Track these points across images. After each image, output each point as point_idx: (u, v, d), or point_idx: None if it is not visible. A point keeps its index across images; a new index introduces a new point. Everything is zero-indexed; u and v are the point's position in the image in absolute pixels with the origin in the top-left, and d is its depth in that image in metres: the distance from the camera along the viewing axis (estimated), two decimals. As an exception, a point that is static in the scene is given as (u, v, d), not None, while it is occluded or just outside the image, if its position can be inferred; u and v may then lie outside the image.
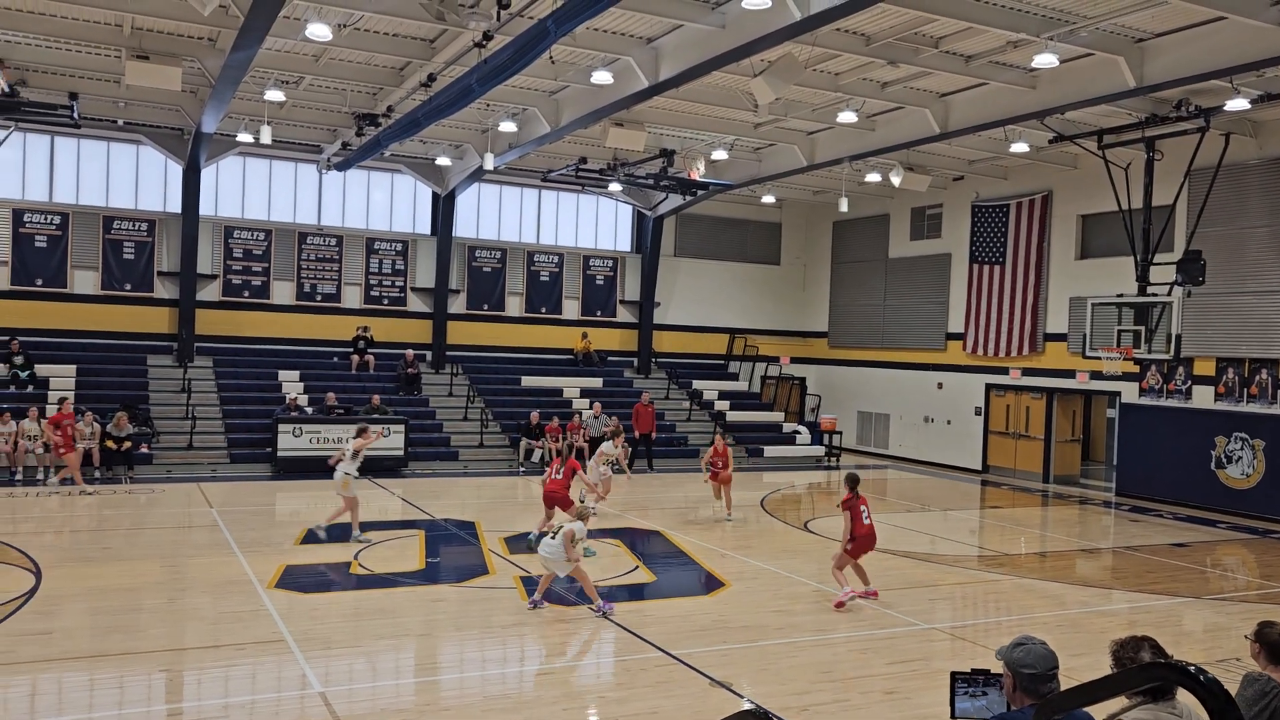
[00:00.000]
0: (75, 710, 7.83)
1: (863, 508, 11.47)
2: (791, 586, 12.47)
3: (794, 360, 31.22)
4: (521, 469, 23.30)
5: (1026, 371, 24.68)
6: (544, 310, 29.03)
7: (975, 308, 25.89)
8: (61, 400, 19.90)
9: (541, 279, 29.00)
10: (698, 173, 22.92)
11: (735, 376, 30.74)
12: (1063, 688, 3.72)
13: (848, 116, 18.23)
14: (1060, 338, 23.87)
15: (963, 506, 20.76)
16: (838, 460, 27.36)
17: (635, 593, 12.16)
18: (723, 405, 28.31)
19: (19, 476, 19.09)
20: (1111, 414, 24.04)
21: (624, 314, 30.09)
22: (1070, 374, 23.47)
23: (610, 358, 29.35)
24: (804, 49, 14.97)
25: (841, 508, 11.54)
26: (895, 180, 22.60)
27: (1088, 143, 19.51)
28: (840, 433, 28.26)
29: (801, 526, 17.17)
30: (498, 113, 20.55)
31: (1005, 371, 25.19)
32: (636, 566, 13.36)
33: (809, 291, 32.22)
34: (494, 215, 28.85)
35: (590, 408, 24.34)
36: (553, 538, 10.53)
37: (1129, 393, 22.14)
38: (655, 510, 18.18)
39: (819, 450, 27.41)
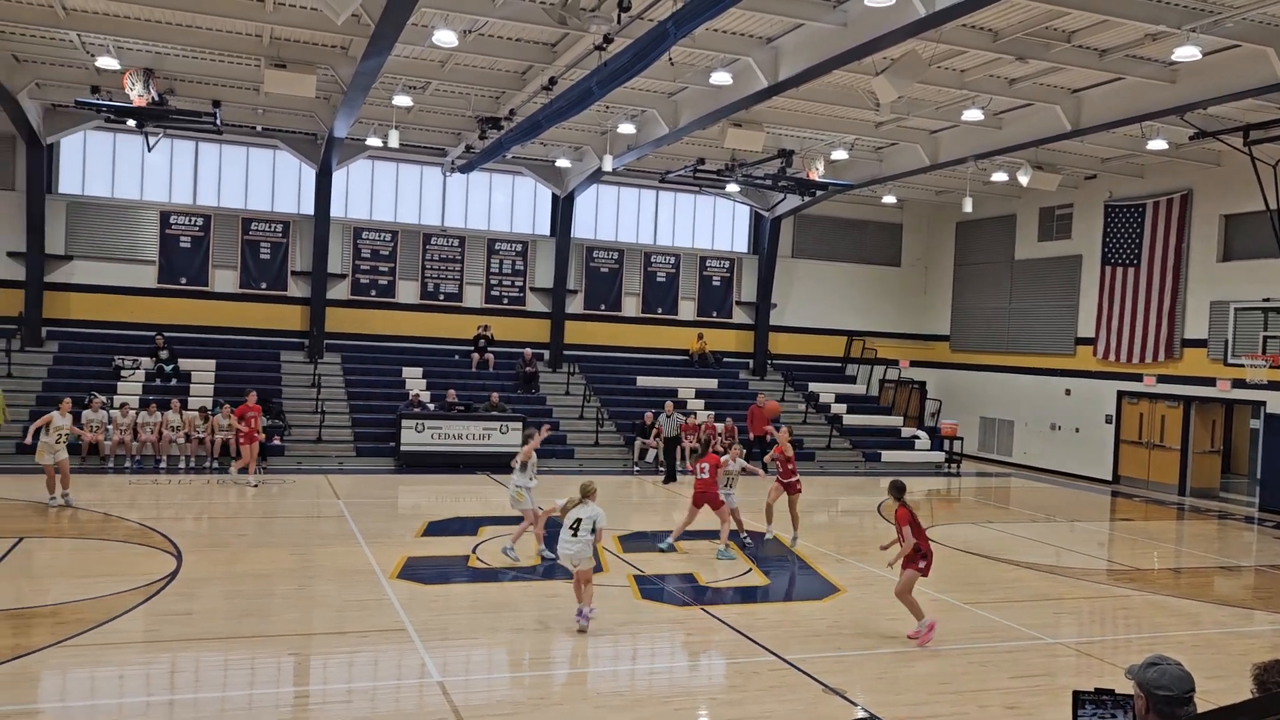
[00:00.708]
0: (210, 688, 8.25)
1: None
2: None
3: (914, 364, 30.55)
4: (635, 468, 23.44)
5: (1162, 378, 23.53)
6: (660, 311, 29.16)
7: (1107, 311, 24.82)
8: (246, 394, 20.31)
9: (658, 279, 29.13)
10: (817, 173, 22.67)
11: (853, 379, 30.25)
12: (1199, 711, 3.53)
13: (973, 114, 17.74)
14: (1199, 344, 22.66)
15: (1091, 518, 19.92)
16: (958, 467, 26.63)
17: (748, 595, 12.09)
18: (839, 409, 27.90)
19: (163, 465, 20.20)
20: (1255, 424, 22.69)
21: (740, 315, 29.96)
22: (1210, 381, 22.27)
23: (725, 359, 29.27)
24: (928, 46, 14.63)
25: (898, 522, 10.10)
26: (1023, 179, 21.86)
27: (1232, 139, 18.45)
28: (961, 438, 27.49)
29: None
30: (617, 115, 20.74)
31: (1139, 378, 24.07)
32: (750, 569, 13.28)
33: (930, 294, 31.46)
34: (612, 216, 29.12)
35: (664, 407, 24.05)
36: (574, 535, 9.85)
37: (1275, 402, 20.86)
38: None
39: (939, 456, 26.74)
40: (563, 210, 27.47)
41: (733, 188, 26.09)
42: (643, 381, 27.32)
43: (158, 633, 9.40)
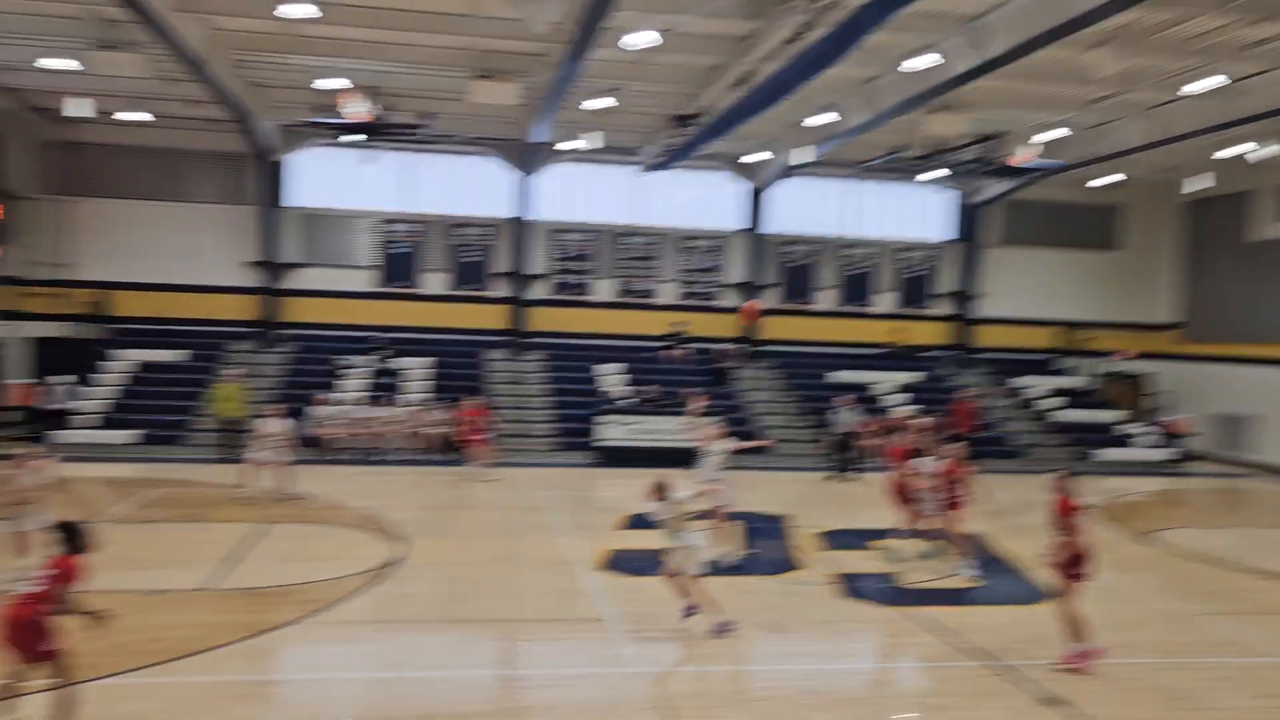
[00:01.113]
0: (427, 668, 8.72)
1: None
2: (1130, 604, 11.37)
3: (1137, 355, 28.50)
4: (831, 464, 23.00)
5: None
6: (856, 303, 28.53)
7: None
8: (474, 396, 21.46)
9: (853, 272, 28.51)
10: (1025, 155, 21.51)
11: (1066, 372, 28.55)
12: None
13: (1204, 84, 16.33)
14: None
15: (1348, 525, 17.96)
16: (1188, 466, 24.61)
17: (955, 597, 11.63)
18: (1051, 403, 26.40)
19: (383, 457, 21.52)
20: None
21: (942, 306, 28.89)
22: None
23: (926, 352, 28.29)
24: (1152, 13, 13.59)
25: (1061, 515, 8.76)
26: (1263, 153, 19.94)
27: None
28: (1194, 435, 25.38)
29: (1143, 537, 15.61)
30: (810, 106, 20.42)
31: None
32: (956, 571, 12.76)
33: (1153, 280, 29.25)
34: (806, 209, 28.71)
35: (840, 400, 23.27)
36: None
37: None
38: (977, 513, 17.25)
39: (1165, 454, 24.79)
40: (756, 204, 27.33)
41: (933, 175, 25.16)
42: (837, 376, 26.80)
43: (387, 613, 10.04)
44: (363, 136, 21.80)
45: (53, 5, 16.55)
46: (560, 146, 24.31)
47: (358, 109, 19.97)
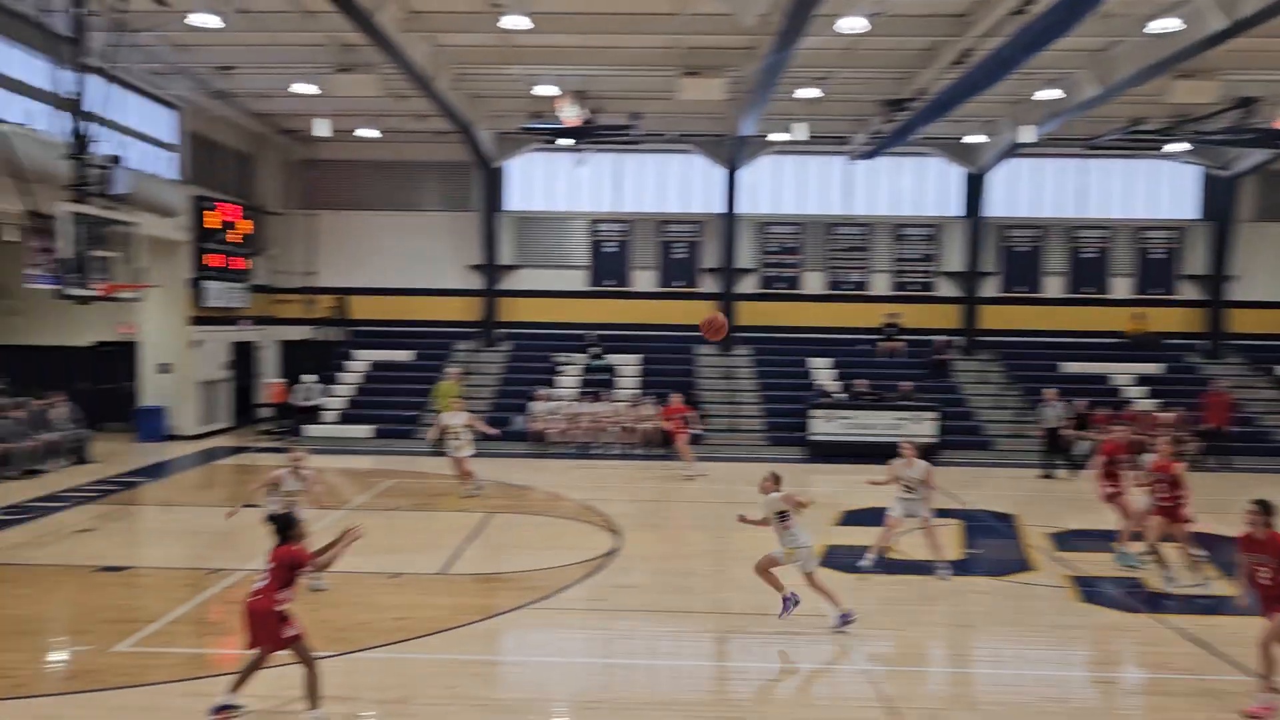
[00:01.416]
0: (647, 656, 8.82)
1: None
2: None
3: None
4: (1064, 462, 21.64)
5: None
6: (1088, 289, 26.73)
7: None
8: (671, 394, 21.85)
9: (1085, 255, 26.73)
10: (1287, 120, 19.44)
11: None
12: None
13: None
14: None
15: None
16: None
17: (1209, 606, 10.62)
18: (1319, 396, 23.77)
19: (598, 450, 22.06)
20: None
21: (1188, 290, 26.59)
22: None
23: (1170, 340, 26.10)
24: None
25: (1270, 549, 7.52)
26: None
27: None
28: None
29: None
30: (1036, 81, 19.28)
31: None
32: (1210, 579, 11.67)
33: None
34: (1030, 191, 27.15)
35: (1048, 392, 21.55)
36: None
37: None
38: (1234, 514, 15.75)
39: None
40: (975, 189, 26.12)
41: (1178, 147, 23.17)
42: (1068, 367, 25.19)
43: (602, 602, 10.26)
44: (574, 140, 22.48)
45: (300, 35, 17.96)
46: (767, 139, 24.11)
47: (569, 113, 20.58)
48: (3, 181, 14.95)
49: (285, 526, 7.00)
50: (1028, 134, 20.45)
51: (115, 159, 14.80)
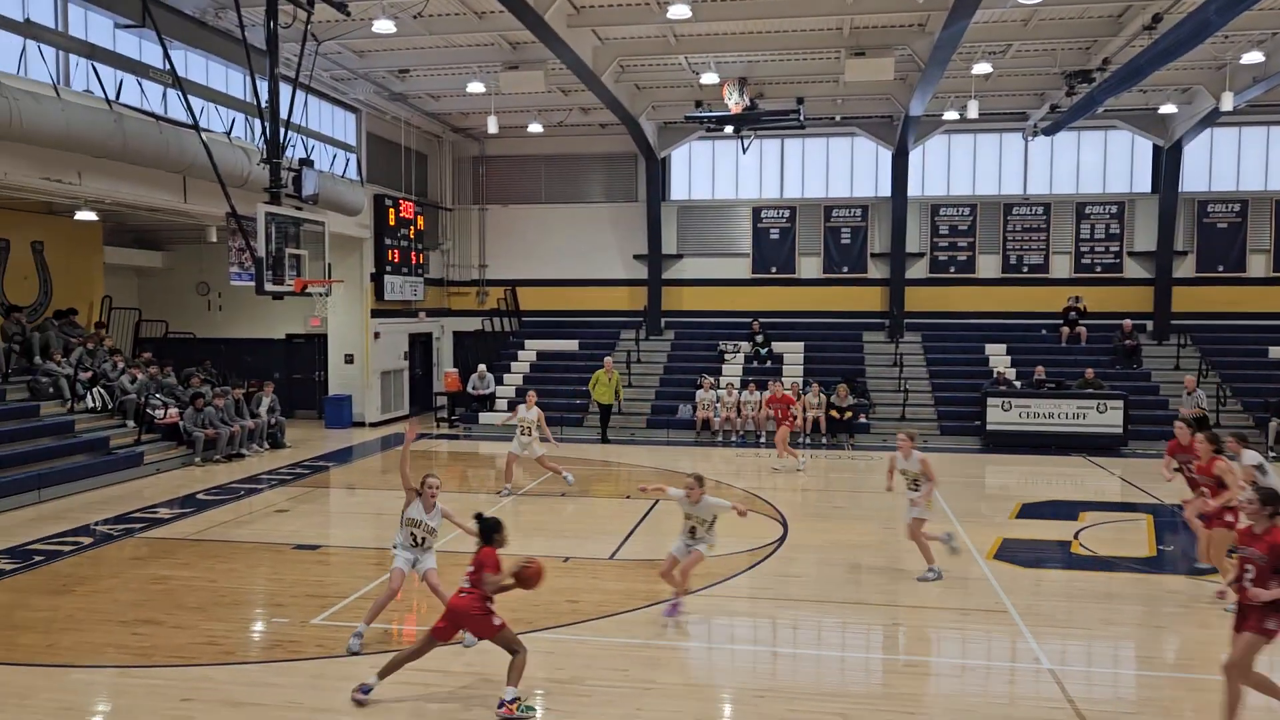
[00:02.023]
0: (817, 646, 8.71)
1: None
2: None
3: None
4: (1272, 454, 20.03)
5: None
6: (1300, 267, 24.65)
7: None
8: (791, 382, 21.89)
9: (1298, 231, 24.61)
10: None
11: None
12: None
13: None
14: None
15: None
16: None
17: None
18: None
19: (762, 439, 21.92)
20: None
21: None
22: None
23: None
24: None
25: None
26: None
27: None
28: None
29: None
30: (1238, 43, 17.87)
31: None
32: None
33: None
34: (1230, 163, 25.18)
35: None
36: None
37: None
38: None
39: None
40: (1167, 162, 24.45)
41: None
42: (1277, 352, 23.28)
43: (769, 590, 10.20)
44: (737, 127, 22.35)
45: (470, 36, 18.61)
46: (939, 118, 23.29)
47: (730, 100, 20.48)
48: (207, 186, 16.16)
49: (486, 530, 7.24)
50: (1228, 101, 18.94)
51: (307, 162, 15.71)
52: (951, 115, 22.60)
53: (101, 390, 18.24)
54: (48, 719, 6.86)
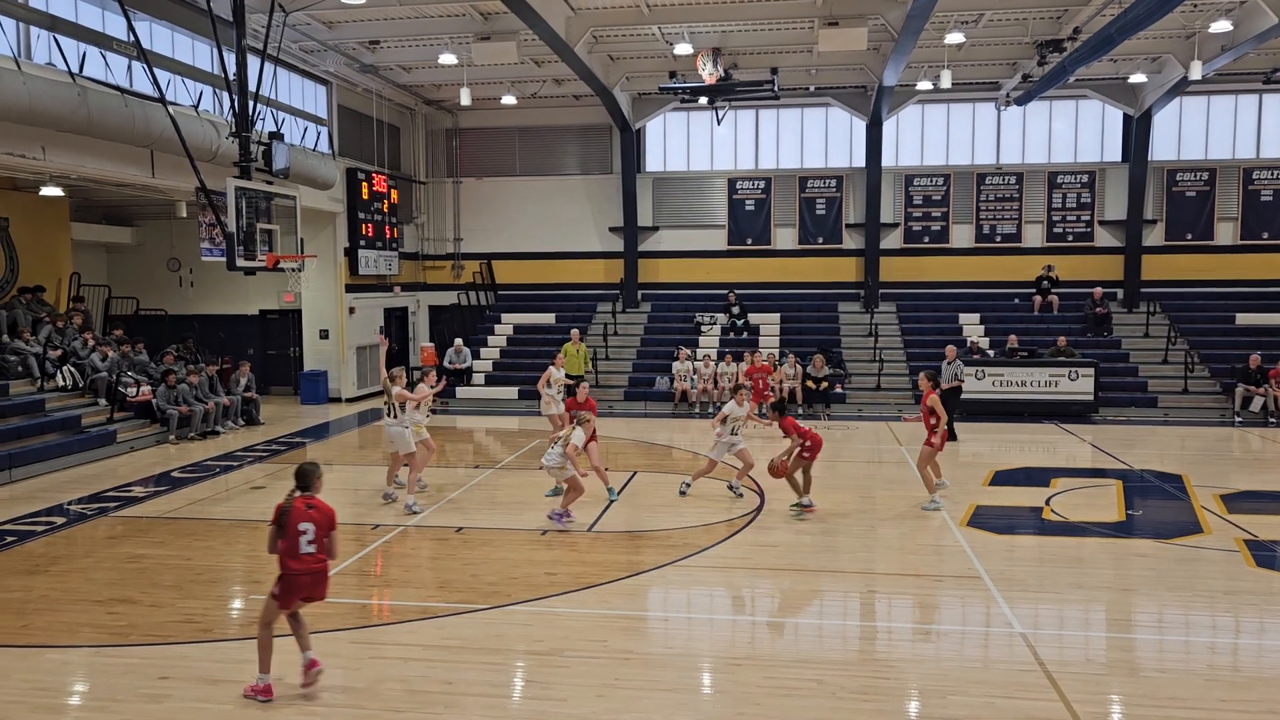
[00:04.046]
0: (793, 614, 8.82)
1: None
2: None
3: None
4: (1238, 419, 20.38)
5: None
6: (1266, 235, 24.91)
7: None
8: (767, 353, 22.09)
9: (1264, 198, 24.87)
10: None
11: None
12: None
13: None
14: None
15: None
16: None
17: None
18: None
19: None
20: None
21: (1379, 235, 24.44)
22: None
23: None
24: None
25: None
26: None
27: None
28: None
29: None
30: (1207, 12, 17.97)
31: None
32: (1407, 543, 10.81)
33: None
34: (1199, 132, 25.38)
35: None
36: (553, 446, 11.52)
37: None
38: None
39: None
40: (1137, 131, 24.62)
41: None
42: (1243, 319, 23.60)
43: (747, 560, 10.29)
44: (711, 98, 22.26)
45: (441, 6, 18.39)
46: (912, 88, 23.30)
47: (705, 71, 20.39)
48: (175, 161, 15.94)
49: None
50: (1196, 70, 19.07)
51: (277, 135, 15.53)
52: (925, 85, 22.62)
53: (71, 368, 18.05)
54: (23, 699, 6.83)
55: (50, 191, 18.39)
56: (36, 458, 15.22)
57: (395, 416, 12.54)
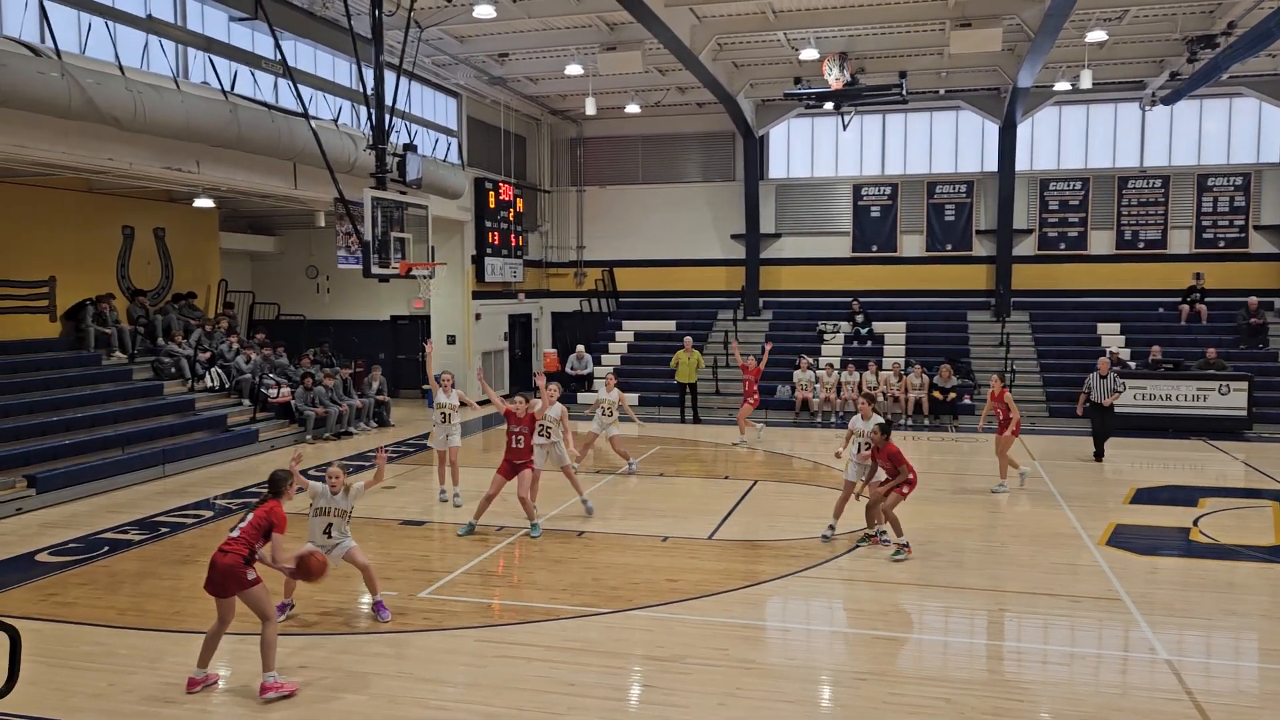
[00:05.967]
0: (918, 630, 8.56)
1: None
2: None
3: None
4: None
5: None
6: None
7: None
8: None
9: None
10: None
11: None
12: None
13: None
14: None
15: None
16: None
17: None
18: None
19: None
20: None
21: None
22: None
23: None
24: None
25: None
26: None
27: None
28: None
29: None
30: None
31: None
32: None
33: None
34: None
35: None
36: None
37: None
38: None
39: None
40: (1296, 131, 23.12)
41: None
42: None
43: (869, 573, 10.06)
44: (837, 103, 21.94)
45: (568, 18, 18.69)
46: (1049, 89, 22.45)
47: (831, 76, 20.11)
48: (316, 173, 16.66)
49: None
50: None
51: (411, 147, 16.05)
52: (1063, 86, 21.77)
53: (219, 370, 19.05)
54: (179, 680, 7.23)
55: (202, 203, 19.47)
56: (187, 454, 16.11)
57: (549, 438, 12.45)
